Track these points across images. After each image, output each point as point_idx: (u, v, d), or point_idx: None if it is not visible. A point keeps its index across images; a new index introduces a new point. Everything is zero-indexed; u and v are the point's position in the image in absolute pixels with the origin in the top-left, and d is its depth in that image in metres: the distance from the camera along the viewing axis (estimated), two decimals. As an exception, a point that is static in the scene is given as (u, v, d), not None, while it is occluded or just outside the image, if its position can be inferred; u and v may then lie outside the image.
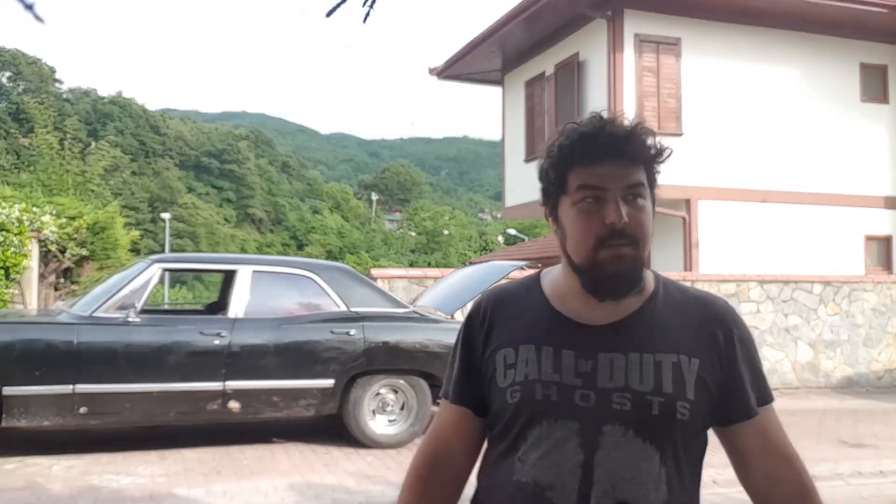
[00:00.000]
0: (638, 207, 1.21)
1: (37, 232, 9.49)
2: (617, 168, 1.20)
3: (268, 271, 6.32)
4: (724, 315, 1.29)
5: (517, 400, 1.25)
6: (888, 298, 10.72)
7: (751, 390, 1.28)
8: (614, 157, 1.20)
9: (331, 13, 1.54)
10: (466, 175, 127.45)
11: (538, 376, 1.24)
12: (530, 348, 1.27)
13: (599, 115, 1.24)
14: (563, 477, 1.20)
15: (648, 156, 1.23)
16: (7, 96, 64.04)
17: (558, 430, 1.22)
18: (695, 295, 1.32)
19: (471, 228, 78.36)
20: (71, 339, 5.42)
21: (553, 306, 1.30)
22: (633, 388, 1.21)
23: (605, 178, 1.20)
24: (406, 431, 6.17)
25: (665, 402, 1.20)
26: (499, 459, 1.29)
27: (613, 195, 1.20)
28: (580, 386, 1.22)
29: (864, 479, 5.64)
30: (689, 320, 1.27)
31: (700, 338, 1.26)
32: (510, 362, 1.27)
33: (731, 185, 12.03)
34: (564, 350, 1.25)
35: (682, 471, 1.23)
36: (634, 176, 1.21)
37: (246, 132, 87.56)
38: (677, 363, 1.23)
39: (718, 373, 1.25)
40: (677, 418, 1.20)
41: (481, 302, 1.38)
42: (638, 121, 1.25)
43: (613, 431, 1.20)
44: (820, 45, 12.59)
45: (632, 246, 1.20)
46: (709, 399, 1.24)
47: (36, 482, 4.91)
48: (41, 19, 0.90)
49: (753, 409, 1.27)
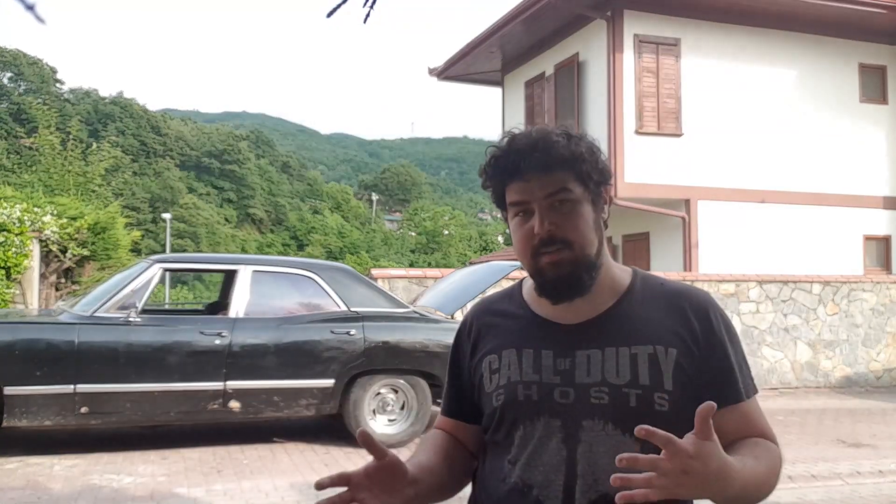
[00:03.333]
0: (564, 212, 1.23)
1: (38, 232, 9.51)
2: (534, 180, 1.24)
3: (268, 271, 6.34)
4: (703, 305, 1.30)
5: (501, 402, 1.28)
6: (887, 298, 10.74)
7: (738, 375, 1.27)
8: (531, 171, 1.23)
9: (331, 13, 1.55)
10: (466, 175, 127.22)
11: (520, 378, 1.27)
12: (512, 352, 1.30)
13: (511, 131, 1.28)
14: (549, 474, 1.22)
15: (567, 159, 1.24)
16: (8, 97, 64.04)
17: (541, 428, 1.24)
18: (674, 287, 1.34)
19: (471, 228, 78.31)
20: (72, 339, 5.44)
21: (532, 310, 1.33)
22: (610, 382, 1.22)
23: (526, 192, 1.25)
24: (406, 431, 6.18)
25: (642, 395, 1.21)
26: (491, 464, 1.31)
27: (538, 206, 1.24)
28: (559, 384, 1.24)
29: (863, 478, 5.64)
30: (667, 312, 1.28)
31: (678, 328, 1.26)
32: (494, 367, 1.31)
33: (730, 186, 12.05)
34: (544, 350, 1.28)
35: None
36: (554, 183, 1.23)
37: (246, 132, 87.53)
38: (654, 354, 1.23)
39: (699, 362, 1.25)
40: (655, 409, 1.21)
41: (467, 317, 1.44)
42: (545, 128, 1.27)
43: (593, 426, 1.21)
44: (819, 46, 12.61)
45: (567, 249, 1.23)
46: (689, 389, 1.23)
47: (37, 481, 4.93)
48: (42, 20, 0.90)
49: (741, 392, 1.27)
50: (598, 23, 11.83)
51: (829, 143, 12.64)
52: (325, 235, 71.18)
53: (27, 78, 67.23)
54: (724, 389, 1.26)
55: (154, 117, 76.76)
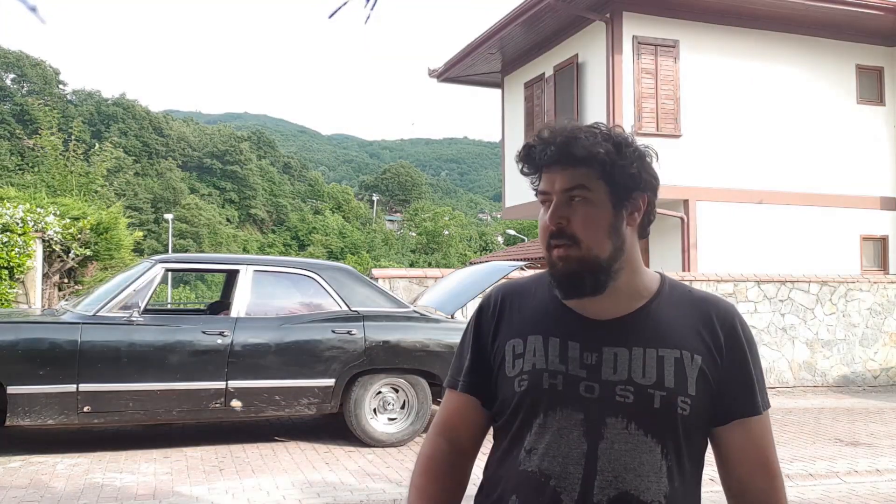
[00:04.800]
0: (576, 209, 1.25)
1: (41, 232, 9.54)
2: (557, 173, 1.26)
3: (270, 271, 6.37)
4: (729, 316, 1.31)
5: (524, 388, 1.27)
6: (884, 298, 10.78)
7: (757, 389, 1.29)
8: (555, 163, 1.26)
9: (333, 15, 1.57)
10: (466, 176, 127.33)
11: (545, 366, 1.27)
12: (538, 339, 1.29)
13: (549, 123, 1.31)
14: (568, 466, 1.22)
15: (583, 157, 1.24)
16: (11, 98, 64.10)
17: (563, 419, 1.24)
18: (700, 296, 1.35)
19: (471, 229, 78.36)
20: (75, 339, 5.47)
21: (561, 299, 1.32)
22: (636, 382, 1.23)
23: (548, 183, 1.28)
24: (406, 430, 6.22)
25: (666, 397, 1.22)
26: (505, 450, 1.30)
27: (556, 199, 1.26)
28: (585, 378, 1.24)
29: (860, 477, 5.68)
30: (694, 319, 1.29)
31: (703, 336, 1.27)
32: (518, 352, 1.30)
33: (728, 186, 12.08)
34: (570, 342, 1.27)
35: (683, 465, 1.25)
36: (573, 179, 1.25)
37: (248, 133, 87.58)
38: (680, 359, 1.24)
39: (720, 371, 1.27)
40: (678, 413, 1.22)
41: (492, 293, 1.42)
42: (578, 124, 1.29)
43: (616, 423, 1.22)
44: (817, 47, 12.64)
45: (574, 246, 1.24)
46: (710, 396, 1.25)
47: (40, 480, 4.96)
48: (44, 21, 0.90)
49: (759, 406, 1.29)
50: (598, 24, 11.87)
51: (826, 144, 12.67)
52: (326, 236, 71.21)
53: (30, 79, 67.34)
54: (740, 401, 1.28)
55: (156, 118, 76.85)
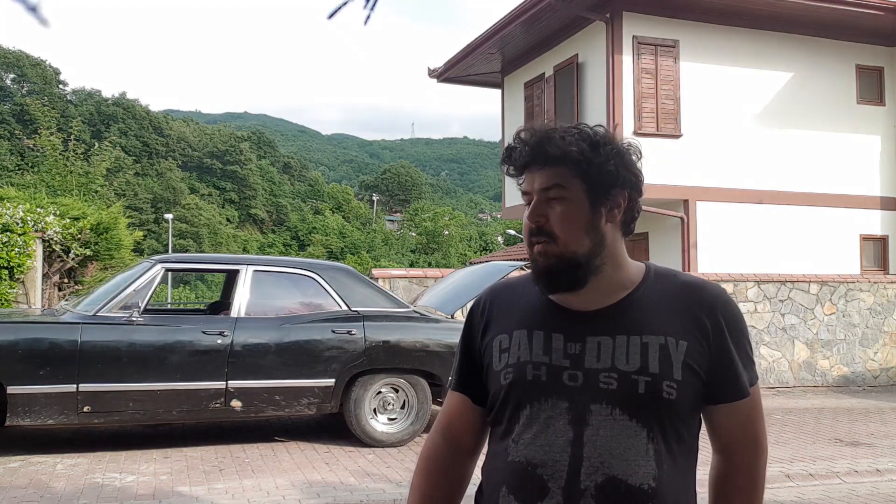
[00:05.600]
0: (553, 207, 1.28)
1: (41, 232, 9.54)
2: (535, 173, 1.30)
3: (269, 271, 6.38)
4: (715, 299, 1.32)
5: (510, 381, 1.30)
6: (884, 298, 10.78)
7: (743, 372, 1.30)
8: (533, 163, 1.30)
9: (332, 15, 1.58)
10: (466, 175, 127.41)
11: (529, 358, 1.30)
12: (523, 333, 1.33)
13: (527, 125, 1.34)
14: (554, 454, 1.24)
15: (557, 156, 1.27)
16: (11, 98, 64.09)
17: (548, 409, 1.26)
18: (686, 280, 1.36)
19: (471, 229, 78.35)
20: (75, 339, 5.47)
21: (547, 296, 1.35)
22: (620, 369, 1.25)
23: (529, 183, 1.32)
24: (406, 430, 6.22)
25: (651, 382, 1.23)
26: (497, 443, 1.34)
27: (536, 198, 1.30)
28: (568, 367, 1.27)
29: (861, 477, 5.68)
30: (679, 305, 1.31)
31: (688, 322, 1.29)
32: (504, 347, 1.34)
33: (728, 186, 12.08)
34: (555, 333, 1.30)
35: (672, 449, 1.26)
36: (550, 178, 1.28)
37: (248, 133, 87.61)
38: (664, 345, 1.26)
39: (707, 356, 1.28)
40: (663, 397, 1.23)
41: (482, 295, 1.47)
42: (551, 125, 1.32)
43: (601, 410, 1.24)
44: (816, 48, 12.64)
45: (553, 243, 1.28)
46: (698, 380, 1.27)
47: (40, 480, 4.97)
48: (45, 22, 0.89)
49: (745, 389, 1.30)
50: (598, 24, 11.87)
51: (826, 144, 12.67)
52: (326, 236, 71.18)
53: (30, 79, 67.32)
54: (727, 385, 1.30)
55: (156, 118, 76.83)
